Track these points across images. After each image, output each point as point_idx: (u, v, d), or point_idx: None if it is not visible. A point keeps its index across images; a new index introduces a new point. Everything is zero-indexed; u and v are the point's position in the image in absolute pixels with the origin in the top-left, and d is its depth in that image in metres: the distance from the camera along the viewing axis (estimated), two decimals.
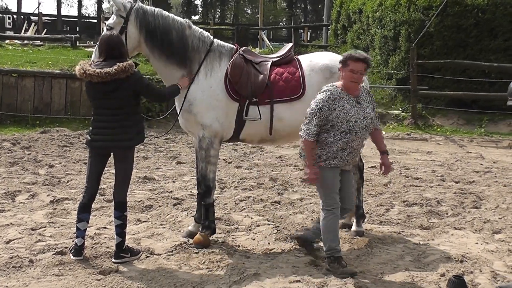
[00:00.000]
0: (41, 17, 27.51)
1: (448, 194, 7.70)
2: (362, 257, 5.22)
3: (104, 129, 4.87)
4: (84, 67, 4.81)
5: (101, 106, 4.90)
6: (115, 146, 4.91)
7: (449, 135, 13.63)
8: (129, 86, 4.80)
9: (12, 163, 8.85)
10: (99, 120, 4.91)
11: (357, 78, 4.70)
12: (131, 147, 4.97)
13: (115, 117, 4.84)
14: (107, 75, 4.70)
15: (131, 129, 4.89)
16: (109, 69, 4.72)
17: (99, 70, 4.73)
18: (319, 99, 4.73)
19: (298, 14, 61.33)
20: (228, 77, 5.47)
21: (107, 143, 4.89)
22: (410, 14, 15.25)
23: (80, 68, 4.81)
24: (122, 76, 4.74)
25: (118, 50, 4.90)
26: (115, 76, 4.71)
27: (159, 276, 4.65)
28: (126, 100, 4.83)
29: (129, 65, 4.78)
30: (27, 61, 14.99)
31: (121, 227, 4.97)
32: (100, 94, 4.82)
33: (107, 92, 4.79)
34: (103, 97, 4.83)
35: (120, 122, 4.84)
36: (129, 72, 4.76)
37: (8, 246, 5.21)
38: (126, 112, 4.85)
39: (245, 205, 6.96)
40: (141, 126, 5.01)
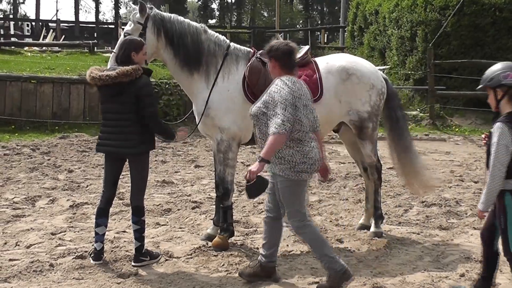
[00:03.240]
0: (59, 23, 27.81)
1: (467, 194, 7.63)
2: (381, 258, 5.20)
3: (109, 134, 4.85)
4: (91, 70, 4.85)
5: (107, 110, 4.89)
6: (118, 152, 4.89)
7: (467, 135, 13.51)
8: (132, 91, 4.71)
9: (32, 169, 8.97)
10: (105, 125, 4.93)
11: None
12: (134, 154, 4.87)
13: (118, 122, 4.80)
14: (108, 78, 4.69)
15: (134, 136, 4.79)
16: (110, 72, 4.74)
17: (101, 73, 4.75)
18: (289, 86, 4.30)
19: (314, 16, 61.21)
20: (245, 80, 5.49)
21: (110, 148, 4.87)
22: (427, 14, 15.16)
23: (88, 72, 4.86)
24: (125, 80, 4.67)
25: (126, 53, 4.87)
26: (116, 79, 4.67)
27: (178, 279, 4.68)
28: (129, 105, 4.74)
29: (133, 69, 4.71)
30: (46, 67, 15.17)
31: (139, 232, 5.00)
32: (105, 97, 4.84)
33: (111, 96, 4.78)
34: (107, 101, 4.83)
35: (123, 128, 4.78)
36: (132, 77, 4.68)
37: (29, 251, 5.28)
38: (130, 118, 4.77)
39: (263, 208, 6.95)
40: (147, 134, 4.86)
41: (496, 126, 3.82)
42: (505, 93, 3.87)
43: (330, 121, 5.76)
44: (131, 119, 4.79)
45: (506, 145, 3.74)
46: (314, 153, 4.29)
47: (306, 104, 4.34)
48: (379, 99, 5.77)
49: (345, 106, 5.67)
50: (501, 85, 3.86)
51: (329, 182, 8.48)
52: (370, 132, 5.77)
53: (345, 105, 5.67)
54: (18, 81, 13.06)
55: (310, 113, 4.38)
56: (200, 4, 58.39)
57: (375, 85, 5.73)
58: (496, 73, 3.88)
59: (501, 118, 3.84)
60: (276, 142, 4.14)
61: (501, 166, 3.75)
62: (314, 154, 4.29)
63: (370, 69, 5.84)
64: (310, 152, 4.27)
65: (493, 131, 3.83)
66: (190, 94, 5.71)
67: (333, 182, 8.48)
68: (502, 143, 3.74)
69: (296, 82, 4.35)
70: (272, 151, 4.18)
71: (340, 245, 5.56)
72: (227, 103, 5.46)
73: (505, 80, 3.84)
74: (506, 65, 3.91)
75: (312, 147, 4.29)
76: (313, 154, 4.28)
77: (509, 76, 3.83)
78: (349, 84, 5.65)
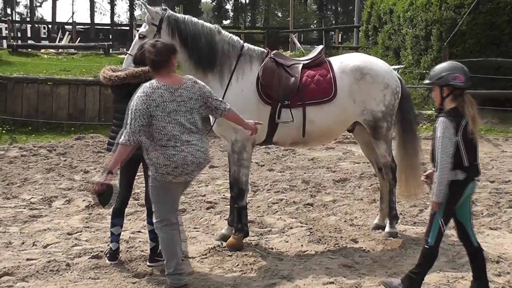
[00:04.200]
0: (75, 26, 28.05)
1: (483, 194, 7.56)
2: (396, 258, 5.18)
3: (118, 134, 4.81)
4: (103, 70, 4.90)
5: (118, 111, 4.91)
6: (132, 153, 4.87)
7: (483, 134, 13.36)
8: None
9: (48, 170, 9.06)
10: (117, 125, 4.95)
11: None
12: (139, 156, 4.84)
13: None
14: (117, 79, 4.73)
15: None
16: (120, 73, 4.77)
17: (111, 73, 4.79)
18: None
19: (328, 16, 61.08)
20: (259, 80, 5.50)
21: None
22: (442, 13, 15.04)
23: (101, 72, 4.91)
24: (134, 82, 4.70)
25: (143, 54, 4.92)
26: (125, 80, 4.72)
27: (193, 279, 4.70)
28: None
29: (142, 71, 4.74)
30: (62, 69, 15.35)
31: (154, 232, 5.01)
32: (116, 98, 4.88)
33: (122, 97, 4.80)
34: (119, 101, 4.86)
35: None
36: (141, 78, 4.70)
37: (46, 251, 5.34)
38: None
39: (278, 208, 6.97)
40: None
41: (440, 121, 4.08)
42: (451, 92, 4.13)
43: (344, 121, 5.75)
44: None
45: (450, 138, 4.01)
46: (181, 157, 4.19)
47: (175, 110, 4.20)
48: (393, 99, 5.74)
49: (360, 105, 5.66)
50: (448, 85, 4.11)
51: (343, 182, 8.46)
52: (385, 132, 5.74)
53: (359, 104, 5.65)
54: (34, 83, 13.20)
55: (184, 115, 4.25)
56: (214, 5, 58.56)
57: (390, 84, 5.71)
58: (446, 73, 4.13)
59: (444, 113, 4.12)
60: (120, 153, 4.19)
61: (447, 157, 4.01)
62: (180, 158, 4.18)
63: (384, 69, 5.81)
64: (174, 156, 4.18)
65: (437, 125, 4.09)
66: None
67: (347, 182, 8.46)
68: (446, 136, 4.01)
69: (157, 89, 4.20)
70: (116, 162, 4.22)
71: (354, 245, 5.55)
72: (241, 104, 5.47)
73: (453, 81, 4.10)
74: (454, 66, 4.19)
75: (179, 151, 4.19)
76: (177, 158, 4.18)
77: (457, 78, 4.10)
78: (363, 84, 5.63)
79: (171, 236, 4.36)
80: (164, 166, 4.21)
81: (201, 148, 4.31)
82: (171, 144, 4.19)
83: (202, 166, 4.40)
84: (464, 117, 4.05)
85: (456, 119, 4.04)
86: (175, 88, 4.27)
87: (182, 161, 4.20)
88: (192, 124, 4.30)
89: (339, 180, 8.54)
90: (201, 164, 4.35)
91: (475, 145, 4.13)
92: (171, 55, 4.33)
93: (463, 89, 4.11)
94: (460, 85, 4.09)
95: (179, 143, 4.20)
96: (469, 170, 4.08)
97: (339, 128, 5.89)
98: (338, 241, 5.66)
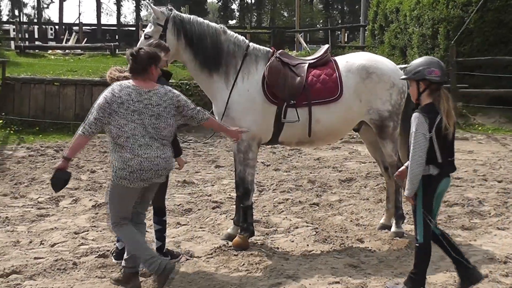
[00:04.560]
0: (82, 27, 28.15)
1: (490, 193, 7.53)
2: (402, 258, 5.16)
3: None
4: (110, 71, 4.90)
5: None
6: None
7: (491, 133, 13.33)
8: None
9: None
10: None
11: None
12: None
13: None
14: (124, 80, 4.74)
15: None
16: (127, 73, 4.78)
17: (118, 74, 4.80)
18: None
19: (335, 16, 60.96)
20: (265, 80, 5.50)
21: None
22: (449, 11, 14.99)
23: (108, 73, 4.92)
24: None
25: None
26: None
27: (199, 278, 4.71)
28: None
29: None
30: (68, 69, 15.40)
31: (161, 232, 5.04)
32: None
33: None
34: None
35: None
36: None
37: (53, 250, 5.37)
38: None
39: (283, 207, 6.97)
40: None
41: (414, 116, 4.09)
42: (427, 87, 4.14)
43: (350, 120, 5.74)
44: None
45: (424, 133, 4.01)
46: (137, 162, 4.13)
47: (139, 110, 4.17)
48: (400, 98, 5.73)
49: (365, 105, 5.65)
50: (424, 79, 4.13)
51: (349, 182, 8.45)
52: (391, 131, 5.73)
53: (365, 104, 5.64)
54: (41, 84, 13.29)
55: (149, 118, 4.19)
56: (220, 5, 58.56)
57: (396, 83, 5.69)
58: (421, 67, 4.15)
59: (419, 109, 4.14)
60: (77, 142, 4.28)
61: (421, 152, 4.01)
62: (136, 163, 4.13)
63: (390, 68, 5.80)
64: (131, 160, 4.13)
65: (412, 121, 4.10)
66: (209, 95, 5.74)
67: (353, 181, 8.45)
68: (420, 132, 4.01)
69: (127, 88, 4.22)
70: (73, 150, 4.32)
71: (360, 245, 5.54)
72: (247, 103, 5.48)
73: (429, 76, 4.11)
74: (430, 61, 4.20)
75: (136, 155, 4.13)
76: (133, 162, 4.13)
77: (433, 72, 4.11)
78: (369, 83, 5.62)
79: (128, 230, 4.33)
80: (120, 170, 4.16)
81: (162, 155, 4.23)
82: (129, 146, 4.14)
83: (162, 174, 4.29)
84: (439, 113, 4.07)
85: (430, 115, 4.05)
86: (145, 91, 4.25)
87: (139, 167, 4.14)
88: (156, 130, 4.22)
89: (345, 179, 8.53)
90: (159, 172, 4.25)
91: (451, 141, 4.14)
92: (152, 65, 4.30)
93: (439, 83, 4.14)
94: (436, 79, 4.11)
95: (137, 145, 4.14)
96: (443, 166, 4.09)
97: (345, 128, 5.88)
98: (344, 240, 5.65)
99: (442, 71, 4.15)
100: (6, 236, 5.78)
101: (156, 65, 4.37)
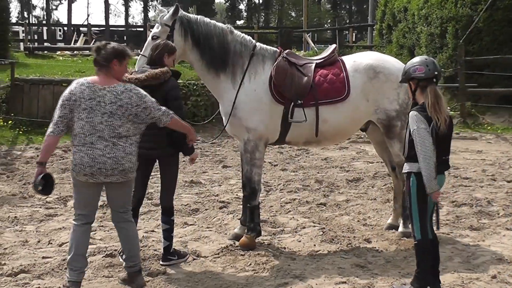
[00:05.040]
0: (90, 28, 28.26)
1: (499, 194, 7.49)
2: (409, 258, 5.14)
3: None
4: None
5: None
6: (148, 154, 4.90)
7: (500, 133, 13.25)
8: (161, 93, 4.77)
9: (63, 170, 9.15)
10: None
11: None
12: (164, 156, 4.93)
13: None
14: (137, 81, 4.75)
15: (164, 138, 4.83)
16: (140, 75, 4.80)
17: (130, 75, 4.81)
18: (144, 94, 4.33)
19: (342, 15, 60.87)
20: (272, 80, 5.50)
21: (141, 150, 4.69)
22: (458, 10, 14.92)
23: None
24: (154, 83, 4.75)
25: (159, 55, 4.96)
26: (145, 82, 4.74)
27: (205, 278, 4.71)
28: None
29: (161, 72, 4.79)
30: (77, 70, 15.47)
31: (169, 231, 5.05)
32: None
33: None
34: None
35: (149, 130, 4.72)
36: (161, 79, 4.77)
37: (61, 249, 5.40)
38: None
39: (290, 207, 6.96)
40: (174, 136, 4.82)
41: (411, 114, 4.16)
42: (417, 85, 4.23)
43: (357, 120, 5.72)
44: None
45: (425, 128, 4.07)
46: (79, 157, 4.19)
47: (91, 108, 4.18)
48: (407, 97, 5.69)
49: (373, 104, 5.63)
50: (412, 78, 4.23)
51: (357, 182, 8.43)
52: (399, 131, 5.71)
53: (372, 103, 5.63)
54: (50, 85, 13.34)
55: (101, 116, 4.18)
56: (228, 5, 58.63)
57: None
58: (408, 67, 4.27)
59: (415, 108, 4.20)
60: (47, 144, 4.26)
61: (428, 146, 4.04)
62: (78, 158, 4.19)
63: (398, 67, 5.77)
64: (75, 153, 4.22)
65: (410, 119, 4.17)
66: (216, 95, 5.75)
67: (361, 181, 8.43)
68: (421, 127, 4.07)
69: (81, 85, 4.24)
70: (44, 152, 4.29)
71: (368, 245, 5.53)
72: (253, 103, 5.48)
73: (414, 74, 4.22)
74: (417, 59, 4.30)
75: (78, 150, 4.20)
76: (76, 156, 4.21)
77: (417, 70, 4.20)
78: (377, 83, 5.61)
79: (75, 232, 4.35)
80: (71, 162, 4.29)
81: (108, 154, 4.17)
82: (75, 142, 4.23)
83: (110, 174, 4.21)
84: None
85: (425, 113, 4.10)
86: (100, 88, 4.23)
87: (79, 161, 4.19)
88: (109, 128, 4.18)
89: (352, 179, 8.51)
90: (106, 171, 4.19)
91: (447, 139, 4.20)
92: (113, 59, 4.27)
93: (426, 80, 4.18)
94: (421, 76, 4.17)
95: (81, 143, 4.19)
96: (437, 164, 4.10)
97: (352, 128, 5.87)
98: (351, 241, 5.64)
99: (427, 67, 4.18)
100: (15, 235, 5.82)
101: (120, 61, 4.32)
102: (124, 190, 4.47)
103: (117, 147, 4.20)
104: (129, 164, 4.27)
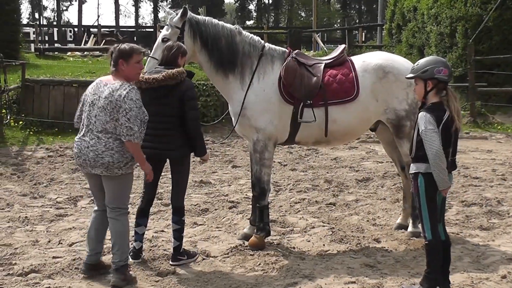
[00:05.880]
0: (100, 29, 28.40)
1: (509, 193, 7.45)
2: (419, 258, 5.13)
3: (151, 136, 4.80)
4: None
5: (150, 113, 4.86)
6: (161, 155, 4.94)
7: (510, 132, 13.17)
8: (177, 94, 4.82)
9: (74, 170, 9.20)
10: (147, 127, 4.97)
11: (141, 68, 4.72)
12: (176, 157, 4.95)
13: (161, 125, 4.84)
14: (155, 81, 4.79)
15: (176, 138, 4.87)
16: (157, 75, 4.83)
17: (147, 76, 4.85)
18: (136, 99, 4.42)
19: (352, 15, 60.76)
20: (281, 80, 5.51)
21: (153, 150, 4.85)
22: (467, 9, 14.86)
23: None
24: (171, 83, 4.80)
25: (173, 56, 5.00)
26: (162, 82, 4.79)
27: (215, 277, 4.73)
28: (173, 108, 4.83)
29: (178, 72, 4.83)
30: (87, 71, 15.55)
31: (179, 231, 5.07)
32: (149, 100, 4.80)
33: (156, 98, 4.83)
34: (151, 103, 4.79)
35: (166, 130, 4.85)
36: (178, 79, 4.81)
37: (71, 249, 5.43)
38: (173, 121, 4.85)
39: (300, 207, 6.97)
40: (186, 138, 4.90)
41: (420, 115, 4.15)
42: (435, 86, 4.19)
43: (367, 120, 5.72)
44: (174, 122, 4.88)
45: (433, 129, 4.06)
46: (75, 148, 4.58)
47: (92, 102, 4.51)
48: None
49: (382, 104, 5.62)
50: (432, 78, 4.17)
51: (366, 181, 8.42)
52: (408, 131, 5.68)
53: (382, 103, 5.62)
54: (60, 85, 13.41)
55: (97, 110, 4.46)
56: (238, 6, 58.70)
57: (413, 82, 5.64)
58: (430, 66, 4.20)
59: (425, 108, 4.19)
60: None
61: (437, 146, 4.03)
62: (75, 149, 4.59)
63: (407, 67, 5.75)
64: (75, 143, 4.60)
65: (418, 120, 4.16)
66: (226, 96, 5.77)
67: (370, 181, 8.42)
68: (431, 128, 4.06)
69: (98, 83, 4.60)
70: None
71: (377, 245, 5.52)
72: (263, 104, 5.49)
73: (438, 75, 4.17)
74: (438, 59, 4.29)
75: (76, 142, 4.58)
76: (74, 146, 4.60)
77: (442, 71, 4.17)
78: (386, 83, 5.60)
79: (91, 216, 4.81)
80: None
81: (92, 146, 4.43)
82: (79, 134, 4.61)
83: (93, 165, 4.45)
84: (446, 111, 4.12)
85: (436, 113, 4.10)
86: (102, 85, 4.53)
87: (74, 152, 4.63)
88: (99, 122, 4.45)
89: (362, 179, 8.50)
90: (87, 162, 4.47)
91: (455, 141, 4.20)
92: (120, 60, 4.50)
93: (446, 83, 4.19)
94: (445, 78, 4.17)
95: (79, 135, 4.57)
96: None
97: (361, 127, 5.87)
98: (361, 240, 5.63)
99: (449, 70, 4.22)
100: (26, 235, 5.86)
101: (126, 61, 4.51)
102: (111, 186, 4.56)
103: (99, 141, 4.45)
104: (110, 159, 4.42)
